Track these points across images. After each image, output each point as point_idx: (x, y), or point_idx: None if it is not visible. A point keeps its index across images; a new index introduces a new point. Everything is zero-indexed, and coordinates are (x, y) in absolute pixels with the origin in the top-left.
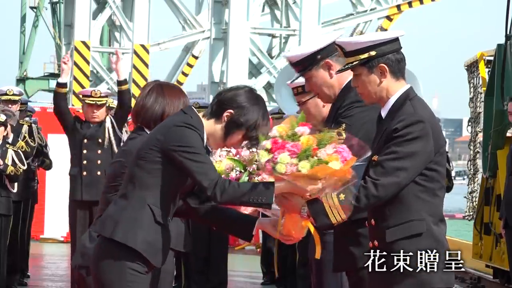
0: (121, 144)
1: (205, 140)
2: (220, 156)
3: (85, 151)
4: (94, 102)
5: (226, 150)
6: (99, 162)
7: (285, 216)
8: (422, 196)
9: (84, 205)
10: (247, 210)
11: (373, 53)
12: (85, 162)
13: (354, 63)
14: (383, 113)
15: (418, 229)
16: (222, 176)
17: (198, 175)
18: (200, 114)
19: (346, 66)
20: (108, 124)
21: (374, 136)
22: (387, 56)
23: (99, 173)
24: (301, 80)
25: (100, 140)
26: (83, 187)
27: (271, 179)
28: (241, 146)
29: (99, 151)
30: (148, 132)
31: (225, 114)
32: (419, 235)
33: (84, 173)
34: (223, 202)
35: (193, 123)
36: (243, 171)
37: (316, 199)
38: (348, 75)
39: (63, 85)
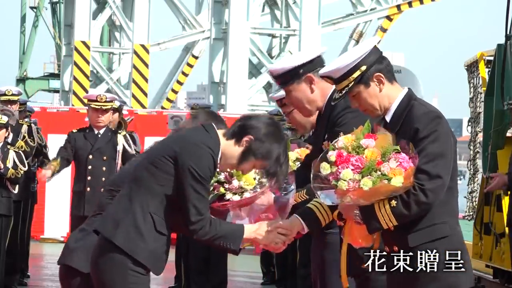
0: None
1: (218, 161)
2: None
3: (90, 167)
4: (99, 107)
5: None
6: (103, 179)
7: (350, 223)
8: (443, 198)
9: None
10: (250, 219)
11: (363, 68)
12: (89, 178)
13: (350, 85)
14: (388, 117)
15: (442, 233)
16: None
17: (191, 206)
18: (221, 132)
19: (344, 92)
20: (120, 147)
21: None
22: (376, 65)
23: (102, 190)
24: (283, 93)
25: (105, 158)
26: (86, 203)
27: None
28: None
29: (104, 168)
30: None
31: (245, 139)
32: (444, 238)
33: (88, 189)
34: (198, 238)
35: (211, 145)
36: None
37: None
38: (331, 86)
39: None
